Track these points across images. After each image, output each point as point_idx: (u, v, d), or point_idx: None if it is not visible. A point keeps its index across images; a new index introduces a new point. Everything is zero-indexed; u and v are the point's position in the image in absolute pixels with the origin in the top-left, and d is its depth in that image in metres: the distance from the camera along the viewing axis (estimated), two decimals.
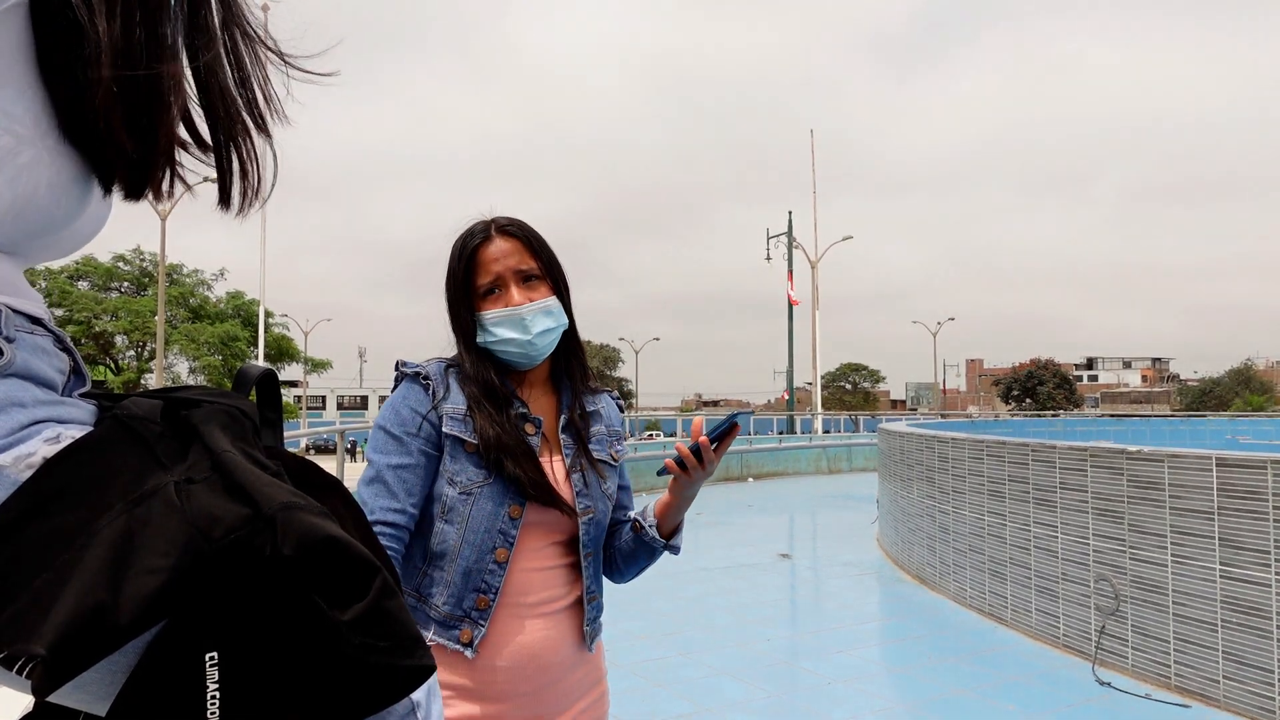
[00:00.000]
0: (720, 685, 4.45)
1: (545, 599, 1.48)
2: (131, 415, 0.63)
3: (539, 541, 1.49)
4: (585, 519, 1.52)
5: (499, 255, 1.51)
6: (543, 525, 1.49)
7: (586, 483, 1.53)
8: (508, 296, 1.50)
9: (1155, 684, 4.28)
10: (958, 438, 6.36)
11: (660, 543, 1.59)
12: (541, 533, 1.49)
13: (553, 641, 1.48)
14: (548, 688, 1.48)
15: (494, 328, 1.50)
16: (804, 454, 18.23)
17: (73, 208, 0.64)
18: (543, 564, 1.49)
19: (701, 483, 1.54)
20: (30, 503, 0.56)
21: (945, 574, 6.37)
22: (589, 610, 1.54)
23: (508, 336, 1.49)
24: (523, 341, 1.49)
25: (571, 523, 1.51)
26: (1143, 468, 4.46)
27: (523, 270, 1.51)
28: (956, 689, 4.40)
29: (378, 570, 0.58)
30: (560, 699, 1.50)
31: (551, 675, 1.48)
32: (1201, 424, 19.04)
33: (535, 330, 1.49)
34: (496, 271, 1.50)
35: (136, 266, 38.08)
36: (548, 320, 1.51)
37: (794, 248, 33.77)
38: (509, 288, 1.50)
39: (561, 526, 1.51)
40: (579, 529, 1.51)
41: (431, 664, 0.59)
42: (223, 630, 0.55)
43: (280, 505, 0.57)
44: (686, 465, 1.50)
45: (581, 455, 1.55)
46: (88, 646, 0.52)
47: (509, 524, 1.44)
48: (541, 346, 1.51)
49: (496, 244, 1.51)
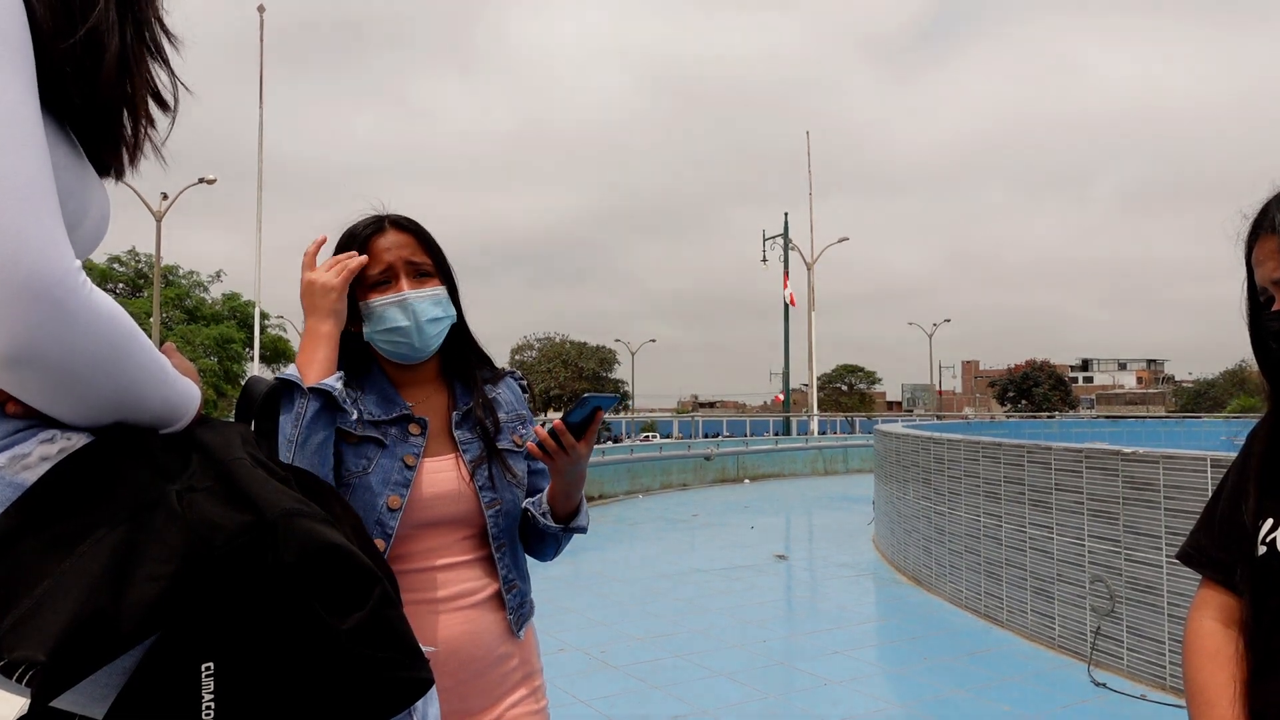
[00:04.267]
0: (716, 686, 4.45)
1: (460, 593, 1.48)
2: (134, 425, 0.63)
3: (441, 539, 1.49)
4: (492, 510, 1.51)
5: (391, 245, 1.51)
6: (444, 523, 1.49)
7: (491, 475, 1.52)
8: (398, 286, 1.50)
9: (1150, 685, 4.29)
10: (953, 439, 6.37)
11: (554, 528, 1.56)
12: (444, 530, 1.49)
13: (474, 635, 1.47)
14: (471, 680, 1.47)
15: (382, 315, 1.49)
16: (800, 455, 18.24)
17: (85, 184, 0.65)
18: (448, 560, 1.49)
19: (578, 466, 1.49)
20: (33, 510, 0.56)
21: (941, 575, 6.38)
22: (510, 599, 1.53)
23: (396, 325, 1.49)
24: (409, 329, 1.48)
25: (478, 516, 1.51)
26: (1138, 469, 4.47)
27: (415, 262, 1.51)
28: (952, 689, 4.40)
29: (378, 580, 0.58)
30: (487, 691, 1.49)
31: (475, 668, 1.47)
32: (1196, 425, 19.08)
33: (424, 318, 1.49)
34: (389, 261, 1.50)
35: (132, 268, 37.97)
36: (435, 310, 1.51)
37: (790, 249, 33.78)
38: (400, 278, 1.50)
39: (466, 521, 1.50)
40: (486, 522, 1.51)
41: (430, 677, 0.59)
42: (221, 639, 0.55)
43: (282, 511, 0.57)
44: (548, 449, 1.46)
45: (483, 448, 1.54)
46: (88, 653, 0.53)
47: (387, 514, 1.43)
48: (429, 335, 1.50)
49: (389, 235, 1.52)
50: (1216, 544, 1.18)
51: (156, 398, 0.65)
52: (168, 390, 0.66)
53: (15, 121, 0.56)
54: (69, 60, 0.62)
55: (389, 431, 1.49)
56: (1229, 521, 1.15)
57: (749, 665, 4.83)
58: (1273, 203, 1.07)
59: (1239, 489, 1.15)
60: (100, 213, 0.70)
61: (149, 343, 0.65)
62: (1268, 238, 1.06)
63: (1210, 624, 1.16)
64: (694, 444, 19.21)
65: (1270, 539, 1.08)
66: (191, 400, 0.70)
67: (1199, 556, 1.21)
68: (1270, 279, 1.06)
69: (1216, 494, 1.22)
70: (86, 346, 0.58)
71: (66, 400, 0.60)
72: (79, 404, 0.61)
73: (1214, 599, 1.17)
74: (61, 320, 0.56)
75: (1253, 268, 1.10)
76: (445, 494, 1.49)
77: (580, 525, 1.60)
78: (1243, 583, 1.12)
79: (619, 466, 14.04)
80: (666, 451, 16.62)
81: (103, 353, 0.59)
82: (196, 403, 0.71)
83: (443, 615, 1.46)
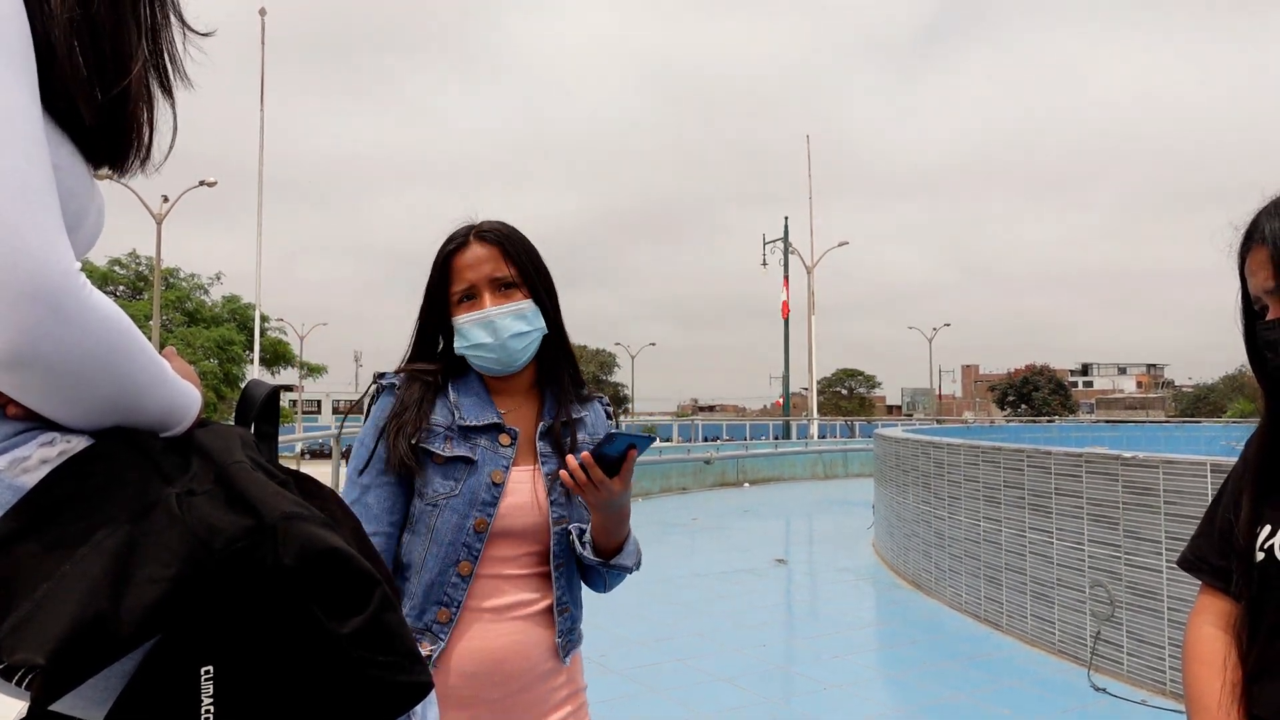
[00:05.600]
0: (716, 691, 4.44)
1: (512, 604, 1.47)
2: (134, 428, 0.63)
3: (510, 550, 1.48)
4: (559, 529, 1.51)
5: (473, 262, 1.51)
6: (514, 534, 1.48)
7: (567, 492, 1.50)
8: (480, 303, 1.51)
9: (1150, 690, 4.28)
10: (953, 443, 6.37)
11: (591, 560, 1.52)
12: (513, 541, 1.48)
13: (521, 648, 1.46)
14: (515, 695, 1.46)
15: (466, 332, 1.51)
16: (800, 459, 18.23)
17: (87, 185, 0.66)
18: (512, 571, 1.48)
19: (614, 503, 1.45)
20: (33, 513, 0.56)
21: (941, 579, 6.37)
22: (560, 621, 1.51)
23: (480, 341, 1.50)
24: (494, 345, 1.50)
25: (545, 532, 1.50)
26: (1138, 473, 4.47)
27: (497, 278, 1.51)
28: (952, 694, 4.40)
29: (378, 583, 0.59)
30: (529, 709, 1.48)
31: (520, 682, 1.46)
32: (1196, 430, 19.07)
33: (506, 334, 1.49)
34: (470, 279, 1.51)
35: (132, 270, 37.96)
36: (520, 324, 1.51)
37: (790, 253, 33.78)
38: (482, 294, 1.51)
39: (534, 536, 1.50)
40: (551, 539, 1.50)
41: (429, 681, 0.59)
42: (220, 643, 0.55)
43: (282, 515, 0.57)
44: (578, 480, 1.42)
45: (560, 464, 1.51)
46: (88, 657, 0.53)
47: (473, 537, 1.44)
48: (515, 351, 1.51)
49: (473, 250, 1.52)
50: (1216, 550, 1.18)
51: (156, 400, 0.65)
52: (167, 393, 0.66)
53: (15, 121, 0.56)
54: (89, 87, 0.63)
55: (479, 441, 1.49)
56: (1229, 528, 1.15)
57: (749, 670, 4.82)
58: (1263, 214, 1.09)
59: (1237, 495, 1.16)
60: (98, 213, 0.70)
61: (149, 345, 0.65)
62: (1259, 248, 1.08)
63: (1210, 629, 1.16)
64: (694, 448, 19.20)
65: (1269, 545, 1.08)
66: (192, 403, 0.70)
67: (1199, 562, 1.22)
68: (1263, 289, 1.08)
69: (1216, 500, 1.23)
70: (86, 348, 0.58)
71: (66, 403, 0.60)
72: (78, 406, 0.61)
73: (1214, 605, 1.17)
74: (61, 322, 0.56)
75: (1245, 278, 1.11)
76: (522, 505, 1.49)
77: (623, 564, 1.55)
78: (1241, 588, 1.12)
79: None
80: (666, 455, 16.60)
81: (102, 355, 0.59)
82: (197, 406, 0.71)
83: (495, 625, 1.45)
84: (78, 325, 0.57)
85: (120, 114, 0.65)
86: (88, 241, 0.69)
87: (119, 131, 0.66)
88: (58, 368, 0.57)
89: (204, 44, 0.76)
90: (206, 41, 0.76)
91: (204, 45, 0.76)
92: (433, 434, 1.47)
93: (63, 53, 0.60)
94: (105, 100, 0.63)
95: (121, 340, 0.61)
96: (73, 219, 0.63)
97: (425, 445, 1.46)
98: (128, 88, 0.64)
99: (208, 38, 0.76)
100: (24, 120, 0.56)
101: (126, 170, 0.71)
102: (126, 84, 0.64)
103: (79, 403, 0.60)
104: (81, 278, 0.59)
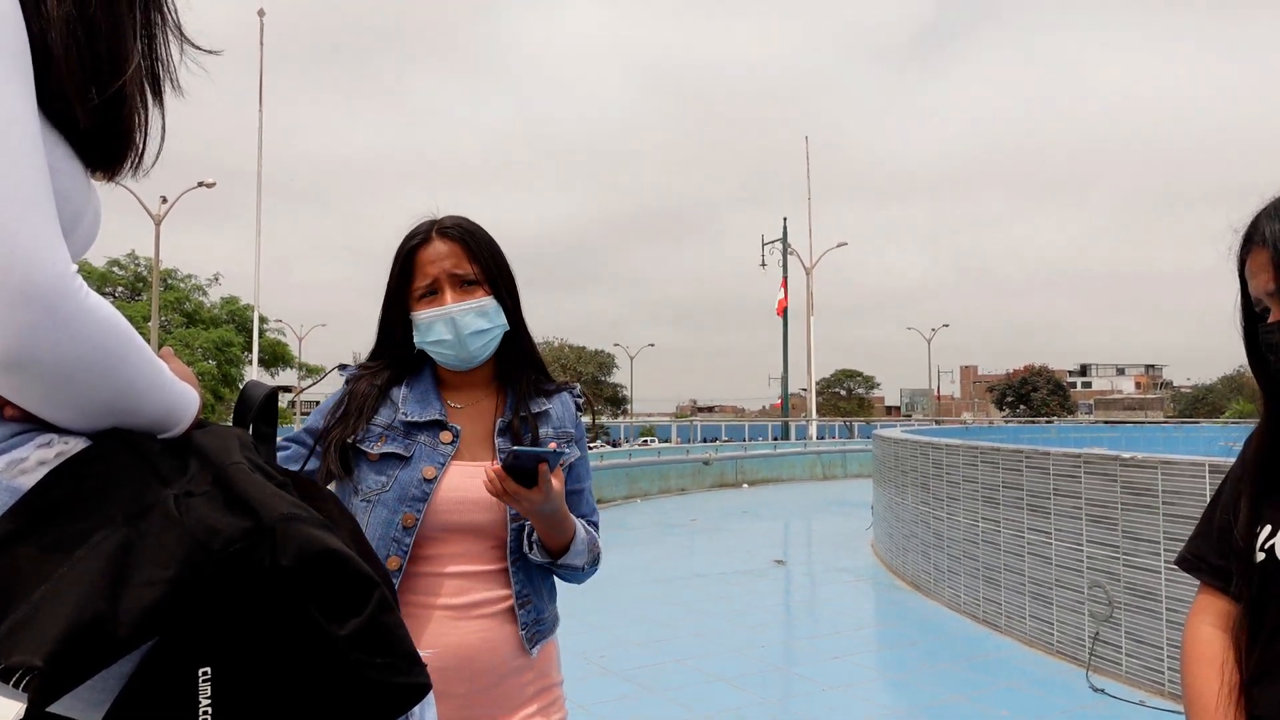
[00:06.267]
0: (715, 692, 4.44)
1: (476, 601, 1.48)
2: (131, 430, 0.63)
3: (462, 546, 1.49)
4: (516, 524, 1.51)
5: (435, 258, 1.52)
6: (465, 529, 1.49)
7: None
8: (441, 299, 1.51)
9: (1149, 691, 4.28)
10: (952, 444, 6.37)
11: (542, 561, 1.52)
12: (466, 537, 1.49)
13: (489, 644, 1.47)
14: (484, 691, 1.47)
15: (426, 328, 1.52)
16: (799, 460, 18.24)
17: (83, 186, 0.66)
18: (471, 567, 1.49)
19: (541, 509, 1.43)
20: (30, 514, 0.56)
21: (940, 580, 6.37)
22: (522, 614, 1.52)
23: (440, 337, 1.51)
24: (453, 342, 1.51)
25: (502, 528, 1.51)
26: (1136, 474, 4.47)
27: (458, 274, 1.52)
28: (950, 695, 4.40)
29: (376, 585, 0.59)
30: (499, 703, 1.49)
31: (489, 679, 1.47)
32: (1195, 430, 19.08)
33: (466, 331, 1.50)
34: (432, 274, 1.52)
35: (131, 271, 37.93)
36: (480, 321, 1.51)
37: (789, 254, 33.80)
38: (444, 290, 1.51)
39: (490, 531, 1.50)
40: (508, 534, 1.51)
41: (427, 682, 0.59)
42: (218, 644, 0.55)
43: (280, 516, 0.57)
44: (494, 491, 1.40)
45: None
46: (86, 659, 0.53)
47: (401, 532, 1.45)
48: (474, 348, 1.52)
49: (435, 246, 1.53)
50: (1215, 550, 1.18)
51: (154, 402, 0.65)
52: (165, 394, 0.66)
53: (12, 124, 0.56)
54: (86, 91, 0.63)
55: (418, 438, 1.51)
56: (1227, 528, 1.15)
57: (747, 670, 4.82)
58: (1262, 216, 1.09)
59: (1236, 495, 1.16)
60: (95, 214, 0.70)
61: (146, 347, 0.65)
62: (1259, 251, 1.07)
63: (1209, 630, 1.16)
64: (692, 449, 19.20)
65: (1269, 545, 1.08)
66: (190, 405, 0.70)
67: (1198, 562, 1.22)
68: (1264, 291, 1.08)
69: (1214, 500, 1.23)
70: (82, 350, 0.58)
71: (63, 404, 0.60)
72: (75, 408, 0.61)
73: (1213, 605, 1.17)
74: (57, 324, 0.56)
75: (1245, 281, 1.11)
76: (472, 501, 1.49)
77: (571, 563, 1.54)
78: (1241, 589, 1.12)
79: (617, 471, 14.03)
80: (665, 456, 16.61)
81: (98, 357, 0.59)
82: (195, 407, 0.71)
83: (457, 622, 1.46)
84: (74, 327, 0.57)
85: (115, 116, 0.65)
86: (84, 243, 0.69)
87: (113, 134, 0.66)
88: (54, 370, 0.57)
89: (204, 45, 0.76)
90: (206, 44, 0.76)
91: (204, 47, 0.77)
92: (369, 433, 1.50)
93: (59, 54, 0.60)
94: (100, 102, 0.63)
95: (118, 342, 0.61)
96: (69, 220, 0.63)
97: (359, 445, 1.49)
98: (123, 90, 0.64)
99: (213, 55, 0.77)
100: (20, 122, 0.56)
101: (120, 173, 0.71)
102: (121, 86, 0.64)
103: (76, 404, 0.60)
104: (78, 280, 0.59)
